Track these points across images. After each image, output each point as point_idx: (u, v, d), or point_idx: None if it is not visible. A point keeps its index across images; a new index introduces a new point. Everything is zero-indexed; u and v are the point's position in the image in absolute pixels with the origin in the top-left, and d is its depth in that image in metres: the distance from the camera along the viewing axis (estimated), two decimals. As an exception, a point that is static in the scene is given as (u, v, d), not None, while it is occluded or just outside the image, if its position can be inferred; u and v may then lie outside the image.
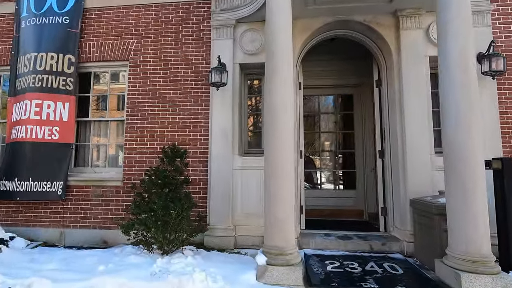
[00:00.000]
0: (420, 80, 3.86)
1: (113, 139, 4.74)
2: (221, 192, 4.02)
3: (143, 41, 4.52)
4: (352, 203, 5.47)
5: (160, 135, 4.33)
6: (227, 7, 4.23)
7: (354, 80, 5.59)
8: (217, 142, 4.11)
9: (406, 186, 3.78)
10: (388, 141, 4.18)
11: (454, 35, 2.82)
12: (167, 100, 4.37)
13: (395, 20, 3.99)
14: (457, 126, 2.72)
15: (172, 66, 4.42)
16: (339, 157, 5.83)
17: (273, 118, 2.93)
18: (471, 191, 2.65)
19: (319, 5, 3.84)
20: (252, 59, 4.22)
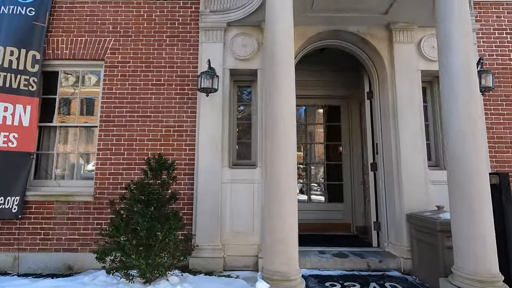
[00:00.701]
0: (414, 94, 3.85)
1: (83, 147, 4.19)
2: (208, 208, 3.66)
3: (122, 40, 4.08)
4: (340, 216, 5.34)
5: (140, 144, 3.88)
6: (218, 8, 3.96)
7: (342, 91, 5.55)
8: (205, 153, 3.76)
9: (402, 200, 3.70)
10: (381, 154, 4.11)
11: (455, 49, 2.79)
12: (148, 106, 3.95)
13: (388, 33, 3.99)
14: (462, 141, 2.66)
15: (154, 69, 4.03)
16: (326, 169, 5.70)
17: (275, 128, 2.68)
18: (477, 208, 2.58)
19: (316, 13, 3.71)
20: (243, 65, 3.97)
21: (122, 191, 3.73)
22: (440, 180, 3.76)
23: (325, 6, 3.57)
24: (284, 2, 2.86)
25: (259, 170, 3.78)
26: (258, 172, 3.78)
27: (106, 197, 3.78)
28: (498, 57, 4.04)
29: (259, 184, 3.74)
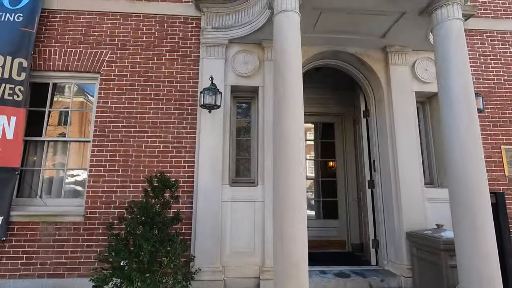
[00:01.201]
0: (409, 114, 3.99)
1: (74, 163, 3.96)
2: (208, 228, 3.52)
3: (120, 53, 3.97)
4: (335, 233, 5.34)
5: (136, 160, 3.72)
6: (220, 25, 3.97)
7: (336, 109, 5.67)
8: (205, 170, 3.66)
9: (401, 218, 3.75)
10: (379, 171, 4.18)
11: (454, 72, 2.91)
12: (146, 121, 3.82)
13: (385, 55, 4.15)
14: (464, 161, 2.75)
15: (153, 83, 3.92)
16: (320, 185, 5.72)
17: (286, 146, 2.64)
18: (481, 226, 2.64)
19: (317, 34, 3.81)
20: (245, 82, 3.97)
21: (115, 210, 3.56)
22: (436, 198, 3.87)
23: (327, 27, 3.67)
24: (292, 21, 2.90)
25: (260, 188, 3.72)
26: (259, 190, 3.71)
27: (98, 217, 3.56)
28: (484, 80, 4.30)
29: (260, 202, 3.67)
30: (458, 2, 3.04)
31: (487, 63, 4.37)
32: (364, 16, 3.43)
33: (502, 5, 4.59)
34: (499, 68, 4.38)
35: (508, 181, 4.06)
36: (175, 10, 4.11)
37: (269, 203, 3.55)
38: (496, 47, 4.44)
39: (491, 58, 4.39)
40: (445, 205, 3.68)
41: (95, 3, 4.05)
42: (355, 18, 3.46)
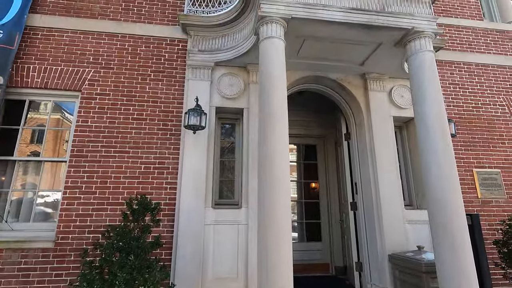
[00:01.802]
0: (388, 137, 4.15)
1: (46, 184, 3.73)
2: (190, 252, 3.38)
3: (103, 72, 3.92)
4: (318, 256, 5.28)
5: (115, 182, 3.57)
6: (206, 48, 4.04)
7: (318, 131, 5.81)
8: (188, 192, 3.57)
9: (383, 240, 3.78)
10: (361, 193, 4.25)
11: (429, 100, 3.10)
12: (127, 141, 3.72)
13: (364, 82, 4.36)
14: (442, 184, 2.86)
15: (137, 103, 3.87)
16: (303, 207, 5.71)
17: (271, 168, 2.64)
18: (460, 248, 2.72)
19: (301, 59, 3.96)
20: (230, 104, 4.00)
21: (89, 235, 3.36)
22: (415, 220, 3.97)
23: (310, 54, 3.84)
24: (277, 47, 3.01)
25: (244, 211, 3.65)
26: (243, 213, 3.64)
27: (70, 243, 3.33)
28: (454, 107, 4.60)
29: (244, 225, 3.59)
30: (429, 36, 3.30)
31: (457, 92, 4.69)
32: (344, 45, 3.63)
33: (467, 39, 5.03)
34: (467, 96, 4.71)
35: (481, 202, 4.25)
36: (162, 32, 4.16)
37: (253, 225, 3.49)
38: (464, 77, 4.80)
39: (459, 87, 4.73)
40: (425, 226, 3.80)
41: (80, 22, 4.03)
42: (336, 46, 3.65)
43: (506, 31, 5.19)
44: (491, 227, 4.10)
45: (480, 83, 4.81)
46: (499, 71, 4.92)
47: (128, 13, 4.20)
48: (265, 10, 3.02)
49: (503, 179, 4.38)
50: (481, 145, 4.49)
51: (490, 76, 4.88)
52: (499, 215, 4.18)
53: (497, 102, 4.76)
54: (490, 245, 3.85)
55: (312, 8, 3.12)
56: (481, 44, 5.05)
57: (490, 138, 4.55)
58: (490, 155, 4.47)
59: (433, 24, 3.33)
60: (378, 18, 3.23)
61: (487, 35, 5.11)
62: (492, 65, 4.93)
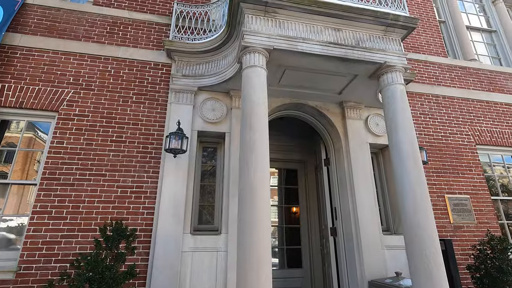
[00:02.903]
0: (365, 164, 4.30)
1: (11, 209, 3.49)
2: (165, 282, 3.22)
3: (83, 93, 3.86)
4: (299, 284, 5.16)
5: (88, 206, 3.41)
6: (190, 73, 4.12)
7: (299, 156, 5.91)
8: (166, 218, 3.46)
9: (362, 266, 3.79)
10: (340, 219, 4.29)
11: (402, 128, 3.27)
12: (104, 163, 3.61)
13: (342, 110, 4.56)
14: (417, 211, 2.96)
15: (117, 125, 3.81)
16: (284, 233, 5.65)
17: (252, 195, 2.63)
18: (436, 273, 2.77)
19: (282, 87, 4.12)
20: (212, 128, 4.03)
21: (56, 264, 3.15)
22: (393, 245, 4.03)
23: (290, 82, 4.00)
24: (259, 75, 3.11)
25: (223, 237, 3.57)
26: (223, 239, 3.56)
27: (34, 273, 3.08)
28: (426, 136, 4.88)
29: (224, 252, 3.50)
30: (400, 70, 3.56)
31: (427, 121, 5.00)
32: (323, 76, 3.82)
33: (434, 74, 5.46)
34: (436, 126, 5.03)
35: (454, 227, 4.41)
36: (146, 56, 4.21)
37: (232, 253, 3.40)
38: (433, 108, 5.14)
39: (429, 117, 5.05)
40: (402, 251, 3.87)
41: (61, 43, 4.01)
42: (315, 76, 3.84)
43: (467, 68, 5.69)
44: (464, 251, 4.24)
45: (447, 114, 5.16)
46: (464, 103, 5.33)
47: (112, 36, 4.24)
48: (248, 41, 3.16)
49: (472, 205, 4.60)
50: (451, 172, 4.74)
51: (456, 108, 5.26)
52: (471, 240, 4.34)
53: (463, 132, 5.10)
54: (463, 269, 3.95)
55: (293, 41, 3.30)
56: (446, 78, 5.49)
57: (458, 166, 4.82)
58: (460, 181, 4.72)
59: (403, 60, 3.60)
60: (353, 52, 3.46)
61: (452, 71, 5.58)
62: (457, 97, 5.34)
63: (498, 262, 3.44)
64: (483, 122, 5.28)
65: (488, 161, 5.19)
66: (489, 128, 5.25)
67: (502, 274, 3.33)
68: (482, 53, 6.37)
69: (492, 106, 5.45)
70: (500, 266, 3.39)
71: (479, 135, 5.14)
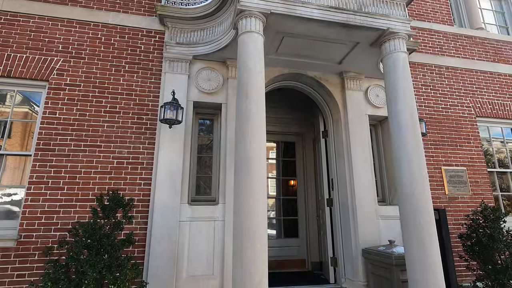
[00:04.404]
0: (364, 135, 4.26)
1: (8, 180, 3.49)
2: (163, 250, 3.29)
3: (73, 61, 3.72)
4: (295, 252, 5.33)
5: (85, 177, 3.41)
6: (184, 41, 3.94)
7: (297, 128, 5.86)
8: (163, 188, 3.47)
9: (357, 235, 3.88)
10: (337, 190, 4.33)
11: (402, 98, 3.20)
12: (99, 134, 3.56)
13: (341, 80, 4.44)
14: (413, 181, 2.97)
15: (110, 95, 3.71)
16: (281, 204, 5.74)
17: (249, 165, 2.62)
18: (428, 241, 2.83)
19: (280, 56, 3.97)
20: (208, 98, 3.93)
21: (56, 233, 3.19)
22: (387, 215, 4.10)
23: (289, 51, 3.85)
24: (256, 41, 2.98)
25: (221, 207, 3.61)
26: (220, 209, 3.60)
27: (35, 241, 3.14)
28: (426, 108, 4.79)
29: (221, 222, 3.56)
30: (403, 37, 3.41)
31: (428, 93, 4.90)
32: (323, 43, 3.67)
33: (438, 43, 5.26)
34: (437, 98, 4.93)
35: (449, 198, 4.47)
36: (138, 23, 4.01)
37: (230, 222, 3.46)
38: (435, 79, 5.01)
39: (431, 89, 4.94)
40: (396, 221, 3.95)
41: (47, 8, 3.80)
42: (315, 44, 3.68)
43: (474, 37, 5.47)
44: (457, 221, 4.33)
45: (449, 85, 5.05)
46: (467, 75, 5.19)
47: (101, 0, 4.00)
48: (244, 4, 2.98)
49: (468, 176, 4.63)
50: (449, 144, 4.72)
51: (458, 79, 5.13)
52: (464, 210, 4.42)
53: (464, 104, 5.02)
54: (455, 238, 4.06)
55: (291, 4, 3.12)
56: (451, 48, 5.30)
57: (457, 138, 4.79)
58: (457, 153, 4.71)
59: (407, 26, 3.44)
60: (355, 18, 3.29)
61: (457, 40, 5.37)
62: (460, 68, 5.19)
63: (489, 231, 3.51)
64: (485, 94, 5.18)
65: (487, 133, 5.15)
66: (490, 100, 5.16)
67: (492, 242, 3.42)
68: (490, 22, 6.11)
69: (495, 77, 5.31)
70: (491, 234, 3.47)
71: (480, 107, 5.06)
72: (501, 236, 3.45)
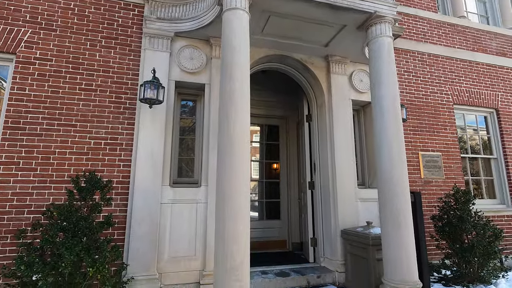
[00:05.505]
0: (346, 120, 4.30)
1: (-26, 160, 3.26)
2: (144, 232, 3.25)
3: (43, 33, 3.44)
4: (276, 233, 5.45)
5: (60, 158, 3.25)
6: (165, 16, 3.74)
7: (281, 112, 5.83)
8: (144, 170, 3.38)
9: (337, 217, 4.00)
10: (319, 173, 4.40)
11: (386, 82, 3.23)
12: (74, 113, 3.37)
13: (327, 64, 4.41)
14: (392, 165, 3.05)
15: (85, 71, 3.49)
16: (264, 187, 5.79)
17: (232, 146, 2.58)
18: (404, 223, 2.96)
19: (265, 37, 3.86)
20: (190, 78, 3.80)
21: (30, 215, 3.06)
22: (366, 198, 4.24)
23: (275, 31, 3.75)
24: (241, 18, 2.86)
25: (203, 189, 3.58)
26: (203, 191, 3.58)
27: (6, 224, 2.99)
28: (407, 94, 4.89)
29: (204, 204, 3.54)
30: (389, 21, 3.39)
31: (410, 79, 4.98)
32: (310, 25, 3.59)
33: (422, 30, 5.30)
34: (418, 84, 5.03)
35: (424, 182, 4.67)
36: (115, -6, 3.74)
37: (212, 204, 3.44)
38: (417, 66, 5.09)
39: (413, 75, 5.02)
40: (374, 204, 4.09)
41: (12, -28, 3.45)
42: (302, 25, 3.60)
43: (456, 25, 5.56)
44: (430, 204, 4.55)
45: (430, 72, 5.15)
46: (447, 62, 5.31)
47: (73, -33, 3.68)
48: (229, -22, 2.83)
49: (443, 161, 4.84)
50: (427, 130, 4.88)
51: (439, 67, 5.24)
52: (438, 193, 4.64)
53: (443, 91, 5.15)
54: (428, 220, 4.27)
55: (278, -19, 3.00)
56: (434, 35, 5.36)
57: (435, 124, 4.95)
58: (434, 139, 4.88)
59: (393, 10, 3.41)
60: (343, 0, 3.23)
61: (440, 27, 5.44)
62: (442, 56, 5.28)
63: (459, 212, 3.72)
64: (463, 82, 5.33)
65: (462, 121, 5.36)
66: (468, 88, 5.33)
67: (461, 223, 3.63)
68: (472, 11, 6.22)
69: (474, 66, 5.47)
70: (461, 216, 3.68)
71: (457, 95, 5.23)
72: (469, 217, 3.67)
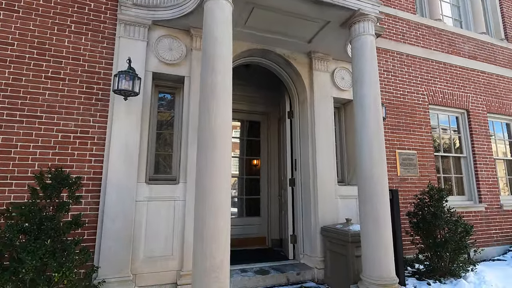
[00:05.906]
0: (328, 117, 4.30)
1: None
2: (117, 232, 3.07)
3: (3, 14, 3.12)
4: (256, 230, 5.41)
5: (22, 152, 2.97)
6: (142, 3, 3.52)
7: (262, 108, 5.76)
8: (117, 166, 3.18)
9: (317, 214, 4.01)
10: (300, 170, 4.39)
11: (368, 81, 3.25)
12: (39, 104, 3.09)
13: (309, 60, 4.38)
14: (372, 164, 3.08)
15: (52, 58, 3.21)
16: (244, 183, 5.71)
17: (213, 141, 2.47)
18: (382, 220, 3.01)
19: (248, 30, 3.75)
20: (169, 70, 3.61)
21: None
22: (346, 195, 4.28)
23: (258, 25, 3.65)
24: (224, 8, 2.73)
25: (182, 186, 3.44)
26: (181, 188, 3.43)
27: (-41, 225, 2.70)
28: (386, 93, 4.98)
29: (182, 202, 3.40)
30: (372, 19, 3.40)
31: (389, 79, 5.08)
32: (294, 19, 3.52)
33: (401, 30, 5.41)
34: (397, 84, 5.14)
35: (400, 179, 4.80)
36: (86, -25, 3.46)
37: (191, 202, 3.31)
38: (396, 65, 5.20)
39: (392, 75, 5.12)
40: (354, 201, 4.15)
41: None
42: (286, 19, 3.52)
43: (432, 27, 5.73)
44: (406, 200, 4.69)
45: (408, 73, 5.28)
46: (424, 63, 5.47)
47: None
48: (212, -35, 2.68)
49: (418, 159, 4.99)
50: (404, 129, 5.01)
51: (416, 67, 5.38)
52: (413, 190, 4.79)
53: (419, 91, 5.31)
54: (403, 216, 4.40)
55: (263, -28, 2.90)
56: (412, 36, 5.50)
57: (411, 123, 5.09)
58: (410, 138, 5.03)
59: (376, 9, 3.42)
60: (328, -5, 3.18)
61: (418, 29, 5.58)
62: (419, 57, 5.43)
63: (433, 209, 3.85)
64: (438, 83, 5.52)
65: (436, 120, 5.56)
66: (442, 89, 5.53)
67: (435, 219, 3.76)
68: (447, 14, 6.44)
69: (448, 68, 5.67)
70: (434, 212, 3.81)
71: (432, 95, 5.41)
72: (442, 214, 3.80)
